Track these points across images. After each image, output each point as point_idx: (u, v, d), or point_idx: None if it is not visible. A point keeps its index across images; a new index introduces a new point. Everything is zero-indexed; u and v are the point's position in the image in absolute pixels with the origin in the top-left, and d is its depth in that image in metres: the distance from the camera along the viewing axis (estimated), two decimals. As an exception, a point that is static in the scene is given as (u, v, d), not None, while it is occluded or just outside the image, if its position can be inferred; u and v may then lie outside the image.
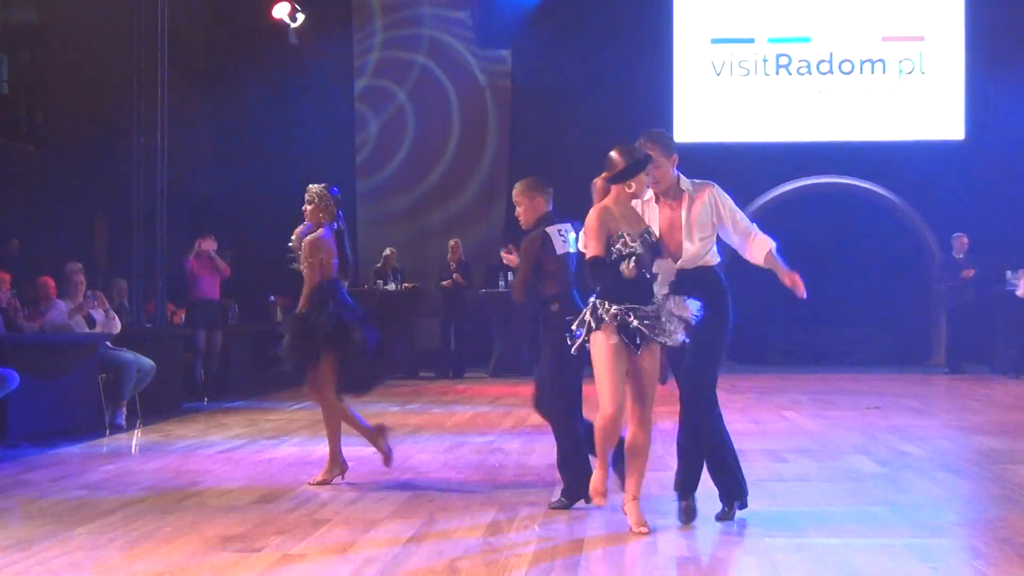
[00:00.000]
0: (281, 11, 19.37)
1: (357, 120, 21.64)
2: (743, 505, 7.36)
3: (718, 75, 21.92)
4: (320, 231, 9.14)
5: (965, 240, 19.44)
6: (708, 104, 21.90)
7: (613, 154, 7.04)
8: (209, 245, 16.39)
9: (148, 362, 13.24)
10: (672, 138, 7.36)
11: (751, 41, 21.89)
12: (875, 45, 21.68)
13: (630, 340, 6.74)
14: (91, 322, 12.79)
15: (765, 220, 21.73)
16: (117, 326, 13.32)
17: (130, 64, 15.61)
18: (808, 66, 21.73)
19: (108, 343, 12.99)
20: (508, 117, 21.75)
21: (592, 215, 6.94)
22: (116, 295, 14.15)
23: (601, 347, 6.78)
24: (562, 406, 8.00)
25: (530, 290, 8.08)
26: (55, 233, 17.25)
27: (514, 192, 8.24)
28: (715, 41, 21.95)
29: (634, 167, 6.94)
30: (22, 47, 21.72)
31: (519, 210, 8.15)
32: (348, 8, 21.72)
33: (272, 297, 19.20)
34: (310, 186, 9.28)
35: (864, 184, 21.41)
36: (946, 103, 21.58)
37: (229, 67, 20.90)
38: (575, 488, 7.74)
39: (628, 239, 6.77)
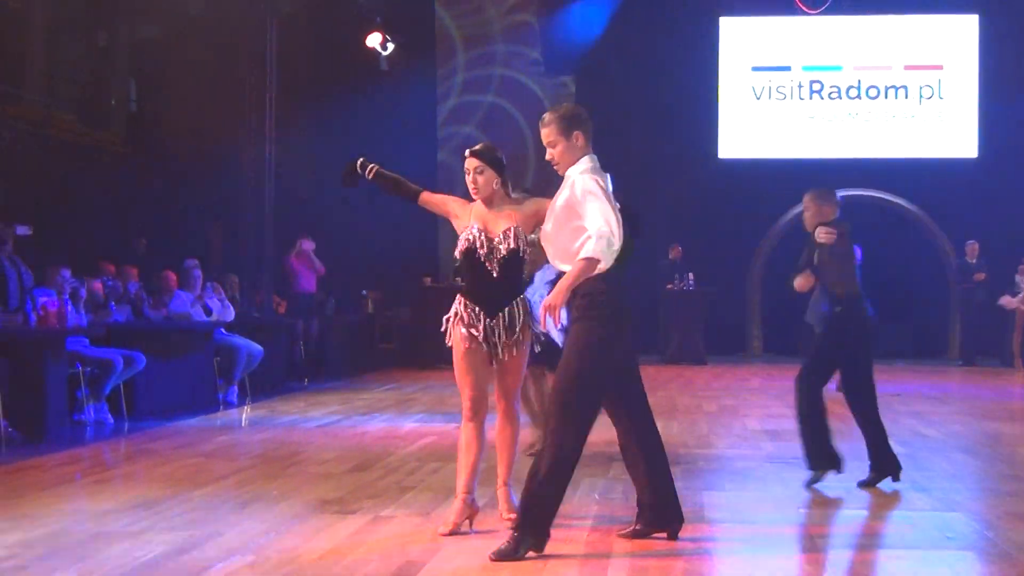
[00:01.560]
0: (374, 40, 19.42)
1: (441, 143, 21.67)
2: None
3: (758, 99, 21.78)
4: None
5: (977, 246, 19.33)
6: (749, 125, 21.77)
7: None
8: (308, 245, 16.50)
9: (257, 347, 13.33)
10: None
11: (788, 69, 21.75)
12: (898, 73, 21.49)
13: None
14: (208, 311, 12.90)
15: (801, 227, 21.50)
16: (231, 315, 13.43)
17: (242, 85, 15.73)
18: (839, 91, 21.56)
19: (222, 329, 13.10)
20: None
21: None
22: (228, 288, 14.25)
23: None
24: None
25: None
26: (176, 233, 17.41)
27: (805, 198, 8.15)
28: (755, 69, 21.82)
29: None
30: (148, 72, 21.94)
31: (805, 214, 8.14)
32: (432, 40, 21.76)
33: (364, 291, 19.29)
34: None
35: (887, 196, 21.21)
36: (961, 124, 21.36)
37: (328, 89, 20.96)
38: None
39: None
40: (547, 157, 5.92)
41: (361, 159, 6.34)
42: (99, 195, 16.62)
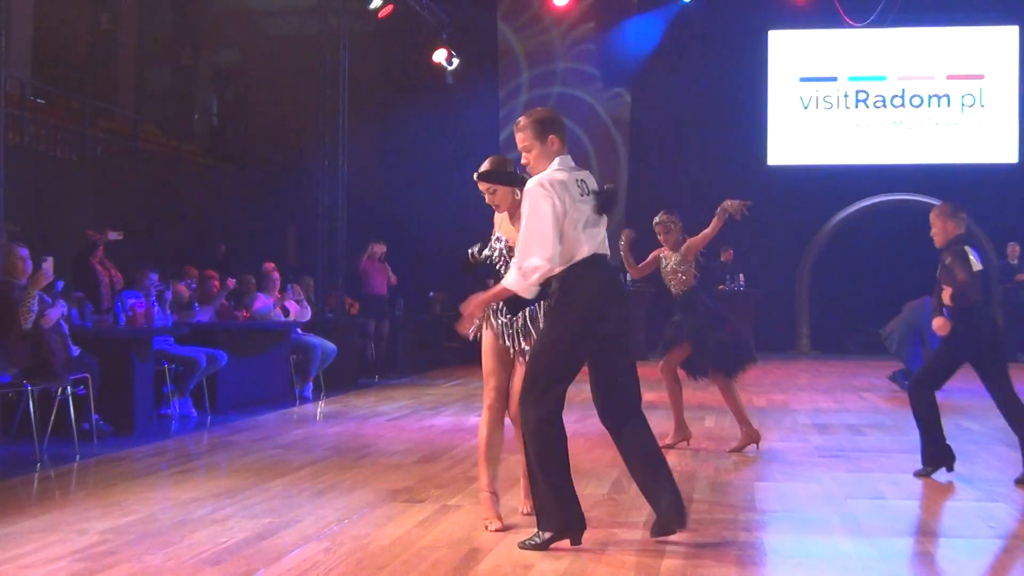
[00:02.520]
0: (440, 56, 19.49)
1: (502, 152, 21.67)
2: None
3: (806, 108, 21.63)
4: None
5: (1018, 248, 19.12)
6: (797, 133, 21.63)
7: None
8: (379, 249, 16.56)
9: (331, 345, 13.40)
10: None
11: (834, 79, 21.58)
12: (941, 82, 21.27)
13: None
14: (286, 312, 12.99)
15: (846, 231, 21.47)
16: (308, 315, 13.51)
17: (316, 99, 15.83)
18: (883, 100, 21.37)
19: (299, 329, 13.18)
20: (627, 149, 21.63)
21: None
22: (304, 290, 14.33)
23: None
24: None
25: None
26: (254, 238, 17.54)
27: (931, 215, 7.96)
28: (803, 80, 21.67)
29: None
30: (228, 86, 22.17)
31: (932, 231, 7.84)
32: (495, 56, 21.77)
33: (431, 293, 19.33)
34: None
35: (931, 200, 20.93)
36: (1002, 131, 21.09)
37: (397, 102, 21.08)
38: None
39: None
40: (523, 161, 5.73)
41: (471, 251, 6.18)
42: (183, 202, 16.78)
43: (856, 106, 21.49)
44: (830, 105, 21.56)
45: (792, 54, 21.79)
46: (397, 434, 9.88)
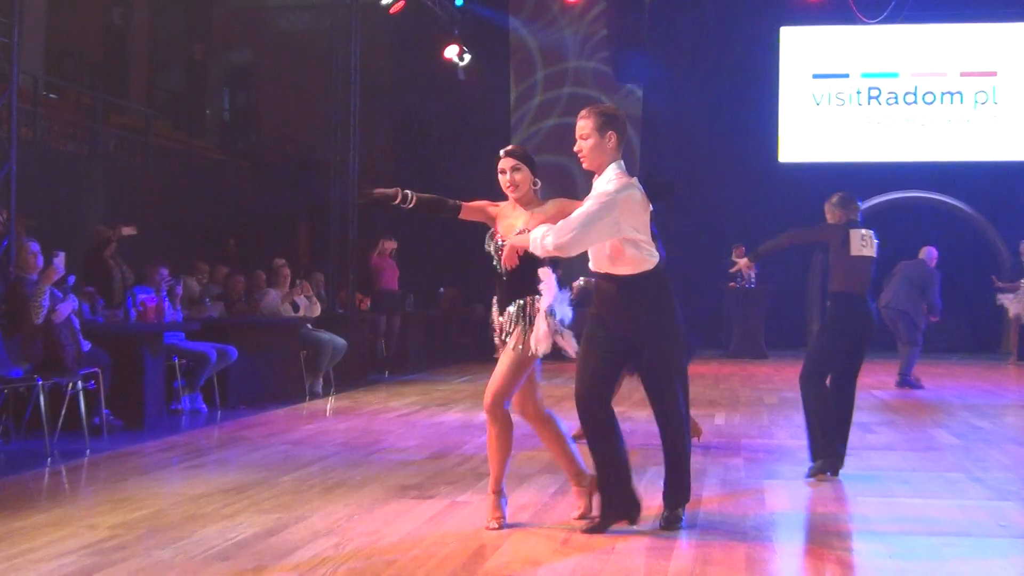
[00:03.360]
0: (451, 52, 19.49)
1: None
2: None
3: (818, 105, 21.60)
4: None
5: (1031, 246, 19.02)
6: (809, 130, 21.60)
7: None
8: (390, 245, 16.56)
9: (341, 341, 13.41)
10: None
11: (847, 76, 21.56)
12: (954, 79, 21.23)
13: None
14: (296, 307, 13.00)
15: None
16: (317, 310, 13.53)
17: (327, 95, 15.84)
18: (896, 97, 21.33)
19: (309, 325, 13.19)
20: (640, 146, 21.60)
21: None
22: (315, 286, 14.35)
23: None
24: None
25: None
26: (266, 234, 17.57)
27: (825, 206, 8.02)
28: (815, 76, 21.65)
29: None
30: (240, 83, 22.18)
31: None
32: (507, 52, 21.77)
33: (442, 288, 19.34)
34: None
35: (944, 198, 20.97)
36: (1015, 128, 21.05)
37: (409, 98, 21.09)
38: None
39: None
40: (575, 148, 5.78)
41: (404, 191, 5.90)
42: (194, 198, 16.81)
43: (869, 103, 21.47)
44: (842, 102, 21.54)
45: (804, 51, 21.76)
46: (407, 430, 9.88)
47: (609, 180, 5.67)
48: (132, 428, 9.64)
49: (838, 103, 21.55)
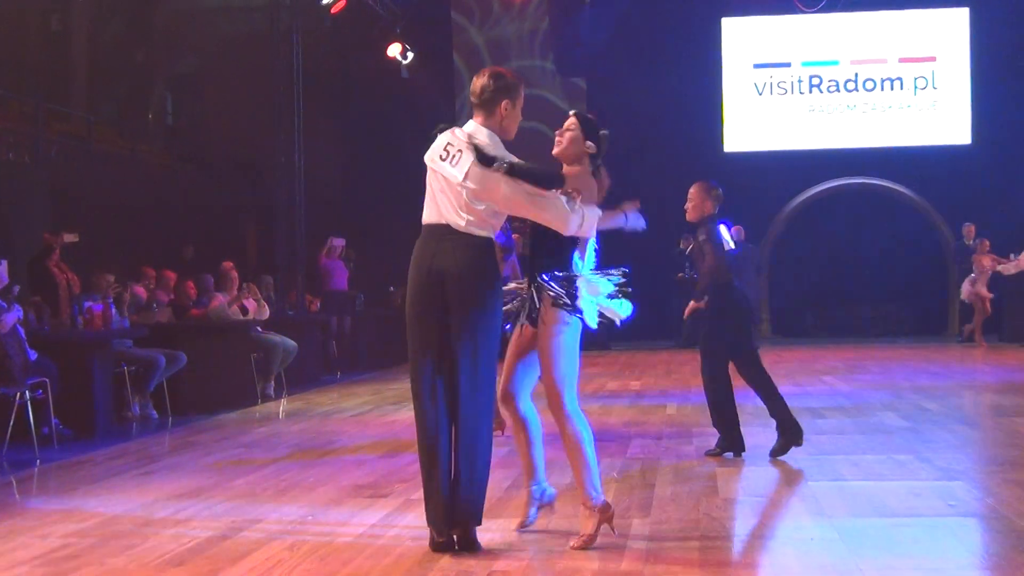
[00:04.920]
0: (394, 50, 19.45)
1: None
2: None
3: (760, 94, 21.72)
4: None
5: (973, 228, 19.24)
6: (752, 119, 21.71)
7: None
8: (338, 244, 16.53)
9: (291, 343, 13.35)
10: None
11: (788, 65, 21.68)
12: (894, 66, 21.40)
13: None
14: (244, 311, 12.91)
15: (803, 215, 21.61)
16: (266, 313, 13.45)
17: (271, 97, 15.76)
18: (837, 85, 21.50)
19: (258, 328, 13.12)
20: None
21: None
22: (264, 288, 14.27)
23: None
24: None
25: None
26: (213, 238, 17.45)
27: (692, 189, 7.82)
28: (757, 66, 21.75)
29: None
30: (183, 87, 22.02)
31: (689, 204, 7.77)
32: (449, 51, 21.75)
33: (392, 288, 19.28)
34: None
35: (886, 183, 21.17)
36: (955, 113, 21.26)
37: (353, 97, 21.03)
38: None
39: None
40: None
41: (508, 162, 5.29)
42: (139, 203, 16.67)
43: (810, 91, 21.61)
44: (784, 91, 21.67)
45: (746, 41, 21.87)
46: (360, 430, 9.85)
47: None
48: (82, 437, 9.54)
49: (780, 92, 21.68)
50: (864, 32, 21.47)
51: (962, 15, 21.33)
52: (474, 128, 5.41)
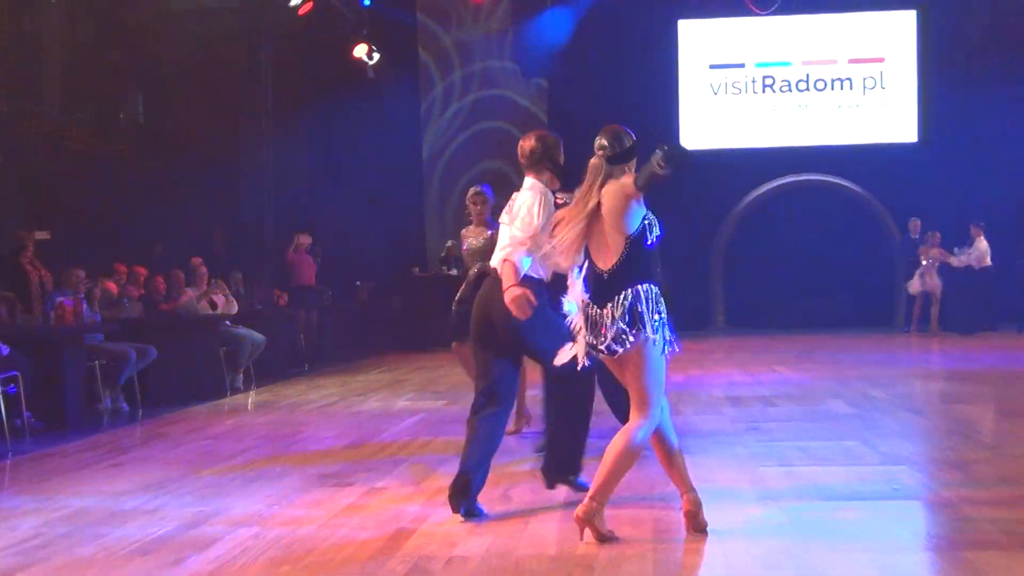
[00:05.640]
0: (360, 51, 19.37)
1: (424, 143, 21.65)
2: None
3: (715, 94, 21.77)
4: None
5: (919, 223, 19.38)
6: (708, 118, 21.76)
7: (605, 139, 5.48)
8: (305, 240, 16.47)
9: (259, 336, 13.29)
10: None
11: (742, 66, 21.73)
12: (844, 66, 21.50)
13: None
14: (213, 305, 12.85)
15: (757, 211, 21.70)
16: (234, 308, 13.38)
17: (240, 97, 15.69)
18: (789, 85, 21.57)
19: (227, 322, 13.06)
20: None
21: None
22: (232, 283, 14.20)
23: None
24: None
25: None
26: (184, 234, 17.35)
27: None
28: (713, 67, 21.80)
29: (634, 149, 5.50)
30: (157, 86, 21.86)
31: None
32: (415, 52, 21.70)
33: (358, 282, 19.25)
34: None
35: (836, 180, 21.27)
36: (902, 112, 21.38)
37: (320, 98, 20.89)
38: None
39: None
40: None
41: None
42: (111, 201, 16.55)
43: (763, 91, 21.68)
44: (739, 91, 21.73)
45: (701, 42, 21.91)
46: (326, 421, 9.84)
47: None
48: (54, 429, 9.48)
49: (734, 92, 21.74)
50: (815, 34, 21.57)
51: (909, 17, 21.46)
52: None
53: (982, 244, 18.67)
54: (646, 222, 5.21)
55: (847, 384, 11.48)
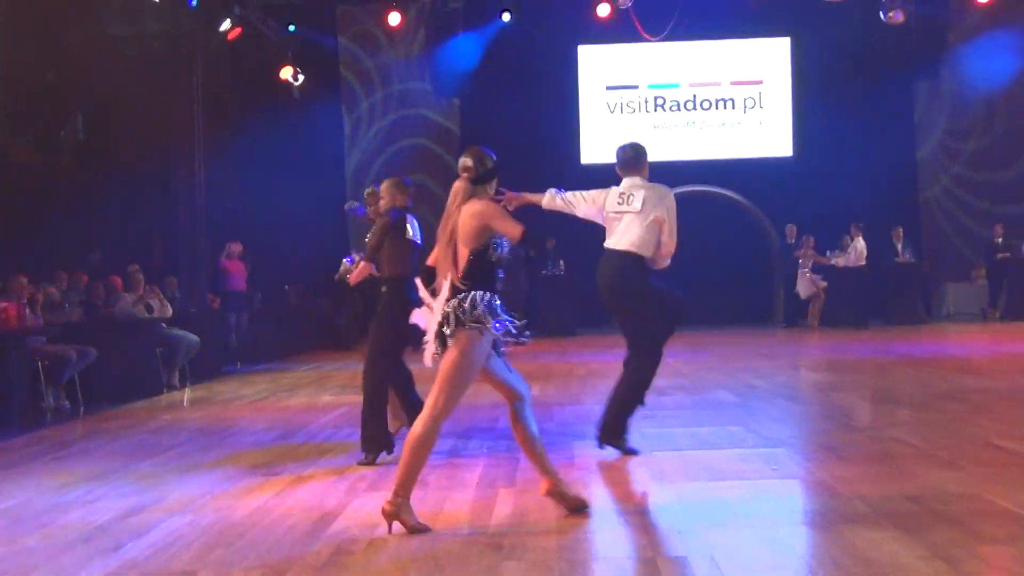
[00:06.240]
0: (286, 73, 19.24)
1: (347, 158, 21.52)
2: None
3: (612, 113, 21.92)
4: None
5: (795, 229, 19.70)
6: (605, 135, 21.87)
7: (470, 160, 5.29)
8: (236, 248, 16.28)
9: (194, 338, 13.09)
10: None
11: (636, 87, 21.90)
12: (726, 88, 21.77)
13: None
14: (149, 309, 12.64)
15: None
16: (169, 311, 13.15)
17: (174, 115, 15.46)
18: (678, 105, 21.79)
19: (163, 324, 12.85)
20: (458, 151, 21.61)
21: (495, 206, 5.26)
22: (169, 288, 13.97)
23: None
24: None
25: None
26: (122, 243, 17.04)
27: (383, 186, 7.26)
28: (609, 88, 21.95)
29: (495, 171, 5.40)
30: (95, 105, 21.46)
31: (381, 201, 7.20)
32: (337, 74, 21.56)
33: (287, 286, 19.07)
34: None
35: (720, 190, 21.52)
36: (779, 129, 21.71)
37: (249, 115, 20.68)
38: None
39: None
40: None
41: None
42: (54, 212, 16.20)
43: (655, 110, 21.87)
44: (633, 110, 21.90)
45: (599, 66, 22.05)
46: (257, 415, 9.73)
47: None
48: (-1, 426, 9.26)
49: (629, 111, 21.91)
50: (701, 59, 21.81)
51: (784, 44, 21.80)
52: None
53: (860, 243, 19.03)
54: (493, 241, 5.11)
55: (732, 375, 11.62)
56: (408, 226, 7.08)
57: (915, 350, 14.03)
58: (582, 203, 7.17)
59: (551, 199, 7.26)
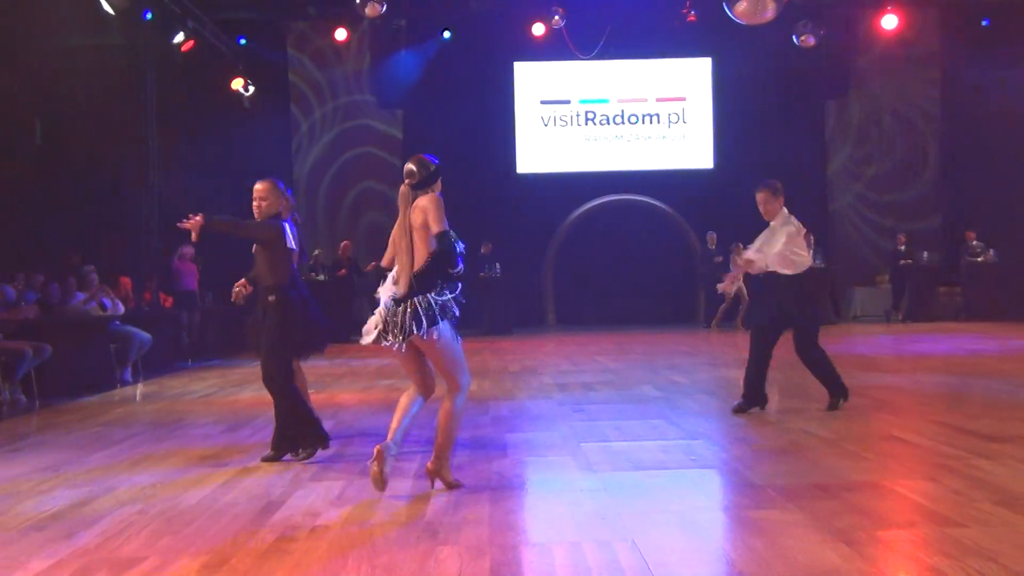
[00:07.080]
0: (237, 84, 19.06)
1: (294, 166, 21.37)
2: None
3: (546, 126, 22.00)
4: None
5: (715, 236, 19.86)
6: (540, 146, 21.98)
7: (413, 166, 5.44)
8: (188, 251, 16.08)
9: (146, 335, 12.90)
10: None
11: (568, 102, 22.01)
12: (652, 104, 21.94)
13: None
14: (103, 307, 12.44)
15: (581, 225, 21.97)
16: (121, 309, 12.94)
17: (130, 122, 15.25)
18: (607, 119, 21.92)
19: (116, 321, 12.65)
20: (402, 161, 21.52)
21: (437, 199, 5.40)
22: (122, 288, 13.76)
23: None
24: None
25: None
26: (78, 244, 16.75)
27: (259, 186, 7.15)
28: (543, 102, 22.02)
29: (437, 173, 5.52)
30: (52, 114, 21.07)
31: (263, 204, 7.06)
32: (286, 85, 21.41)
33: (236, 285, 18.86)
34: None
35: (647, 199, 21.69)
36: (701, 143, 21.93)
37: (201, 123, 20.44)
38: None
39: None
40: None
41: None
42: (12, 215, 15.90)
43: (586, 123, 21.98)
44: (565, 123, 21.99)
45: (534, 81, 22.11)
46: (206, 409, 9.61)
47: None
48: (-44, 420, 9.05)
49: (562, 124, 22.00)
50: (629, 76, 21.96)
51: (706, 64, 22.02)
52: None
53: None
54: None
55: (656, 372, 11.70)
56: (286, 235, 6.82)
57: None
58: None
59: None
